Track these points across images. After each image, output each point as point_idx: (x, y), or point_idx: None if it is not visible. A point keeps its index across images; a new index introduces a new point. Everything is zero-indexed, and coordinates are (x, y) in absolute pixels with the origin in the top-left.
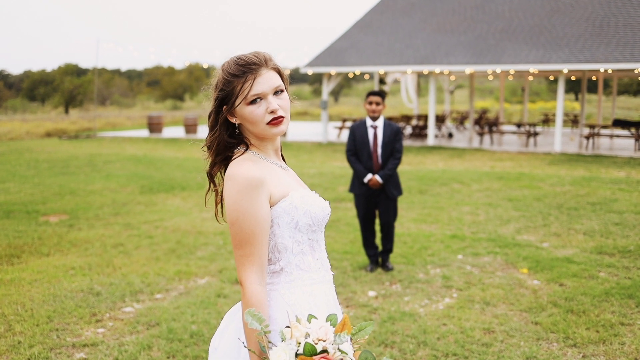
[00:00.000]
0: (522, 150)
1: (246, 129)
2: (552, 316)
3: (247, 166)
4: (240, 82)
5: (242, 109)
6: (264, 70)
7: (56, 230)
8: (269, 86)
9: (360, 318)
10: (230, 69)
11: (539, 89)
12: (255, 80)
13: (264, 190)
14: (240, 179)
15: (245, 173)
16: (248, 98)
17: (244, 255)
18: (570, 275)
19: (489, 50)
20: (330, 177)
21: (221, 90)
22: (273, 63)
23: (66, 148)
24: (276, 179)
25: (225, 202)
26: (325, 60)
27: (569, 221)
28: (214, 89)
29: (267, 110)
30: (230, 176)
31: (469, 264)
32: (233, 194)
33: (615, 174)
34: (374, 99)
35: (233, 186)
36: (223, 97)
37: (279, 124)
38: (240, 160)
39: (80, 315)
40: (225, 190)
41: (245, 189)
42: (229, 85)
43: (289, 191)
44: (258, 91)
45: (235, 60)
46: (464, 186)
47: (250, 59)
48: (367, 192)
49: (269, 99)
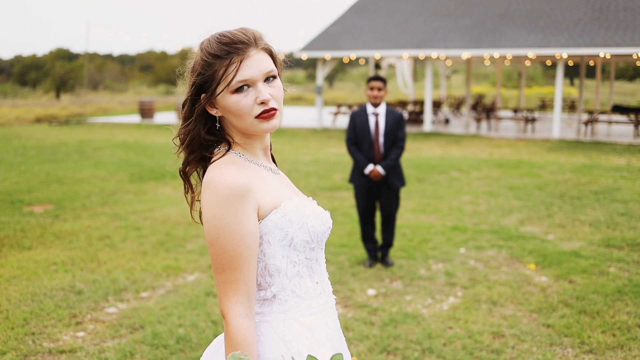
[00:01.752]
0: (519, 136)
1: (229, 124)
2: (564, 318)
3: (229, 171)
4: (223, 65)
5: (225, 98)
6: (252, 50)
7: (40, 221)
8: (259, 71)
9: (360, 321)
10: (211, 48)
11: (534, 73)
12: (242, 63)
13: (250, 200)
14: (221, 188)
15: (227, 180)
16: (233, 85)
17: (227, 281)
18: (580, 271)
19: (486, 35)
20: (326, 165)
21: (199, 75)
22: (264, 42)
23: (56, 134)
24: (266, 186)
25: (203, 215)
26: (320, 45)
27: (573, 211)
28: (190, 72)
29: (255, 100)
30: (209, 184)
31: (472, 259)
32: (212, 206)
33: (616, 161)
34: (376, 84)
35: (212, 196)
36: (201, 83)
37: (271, 117)
38: (221, 163)
39: (60, 317)
40: (203, 200)
41: (227, 199)
42: (209, 69)
43: (282, 200)
44: (245, 77)
45: (217, 38)
46: (463, 174)
47: (237, 37)
48: (368, 184)
49: (259, 87)
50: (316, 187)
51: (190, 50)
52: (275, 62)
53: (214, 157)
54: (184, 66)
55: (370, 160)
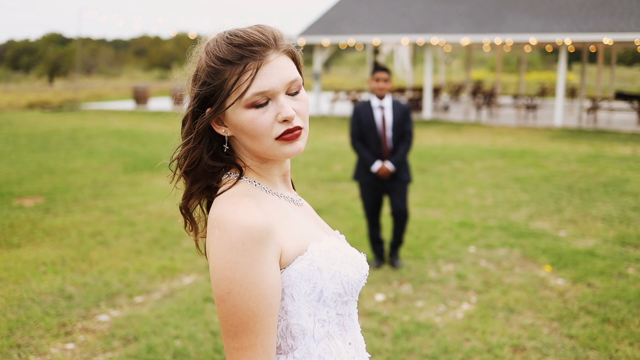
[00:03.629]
0: (521, 123)
1: (241, 145)
2: (587, 327)
3: (245, 206)
4: (234, 73)
5: (237, 114)
6: (272, 54)
7: (30, 216)
8: (281, 80)
9: (370, 331)
10: (220, 51)
11: (532, 59)
12: (258, 70)
13: (271, 245)
14: (234, 229)
15: (242, 219)
16: (247, 98)
17: (242, 348)
18: (597, 273)
19: (487, 20)
20: (325, 154)
21: (204, 84)
22: (286, 44)
23: (48, 121)
24: (289, 225)
25: (211, 263)
26: (318, 30)
27: (582, 205)
28: (192, 81)
29: (276, 117)
30: (219, 223)
31: (483, 258)
32: (224, 253)
33: (621, 151)
34: (381, 75)
35: (223, 240)
36: (207, 95)
37: (295, 139)
38: (233, 195)
39: (48, 326)
40: (210, 244)
41: (243, 245)
42: (217, 77)
43: (308, 243)
44: (263, 87)
45: (227, 39)
46: (466, 164)
47: (252, 37)
48: (375, 181)
49: (280, 101)
50: (316, 178)
51: (187, 35)
52: (298, 68)
53: (223, 187)
54: (182, 53)
55: (378, 157)
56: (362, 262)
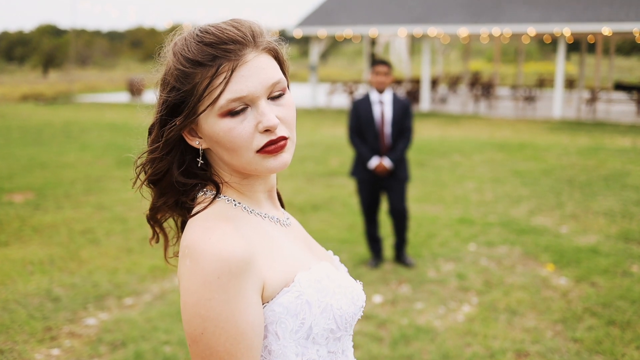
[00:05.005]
0: (519, 115)
1: (218, 158)
2: (591, 330)
3: (221, 233)
4: (206, 77)
5: (211, 124)
6: (250, 53)
7: (19, 212)
8: (261, 83)
9: (368, 336)
10: (189, 51)
11: (530, 49)
12: (234, 72)
13: (252, 277)
14: (209, 261)
15: (218, 248)
16: (221, 105)
17: None
18: (601, 272)
19: (485, 10)
20: (322, 148)
21: (173, 90)
22: (266, 40)
23: (42, 114)
24: (274, 252)
25: (182, 297)
26: (315, 21)
27: (583, 200)
28: (160, 85)
29: (256, 126)
30: (191, 252)
31: (483, 256)
32: (196, 288)
33: (621, 143)
34: (382, 69)
35: (196, 273)
36: (176, 102)
37: (279, 150)
38: (207, 218)
39: (32, 330)
40: (181, 275)
41: (218, 278)
42: (187, 81)
43: (296, 271)
44: (240, 92)
45: (197, 36)
46: (465, 157)
47: (226, 34)
48: (372, 178)
49: (261, 107)
50: (312, 173)
51: (181, 26)
52: (282, 68)
53: (197, 207)
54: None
55: (376, 152)
56: (357, 293)
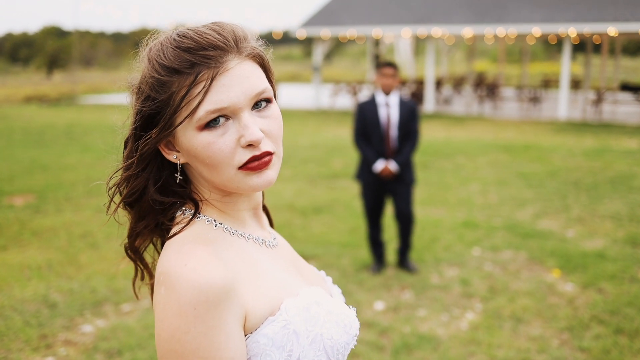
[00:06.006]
0: (524, 116)
1: (198, 173)
2: (599, 339)
3: (197, 258)
4: (184, 85)
5: (189, 137)
6: (233, 60)
7: (19, 215)
8: (243, 92)
9: (369, 345)
10: (165, 58)
11: (535, 49)
12: (214, 81)
13: (232, 307)
14: (183, 290)
15: (194, 276)
16: (200, 118)
17: None
18: (608, 277)
19: (489, 10)
20: (324, 150)
21: (148, 99)
22: (251, 46)
23: (45, 115)
24: (258, 278)
25: (156, 329)
26: (318, 21)
27: (590, 203)
28: (135, 94)
29: (239, 141)
30: (165, 279)
31: (488, 261)
32: (170, 319)
33: (627, 144)
34: (388, 71)
35: (170, 303)
36: (151, 113)
37: (264, 167)
38: (183, 241)
39: (28, 337)
40: (155, 304)
41: (194, 310)
42: (163, 91)
43: (282, 298)
44: (221, 103)
45: (174, 41)
46: (470, 159)
47: (206, 39)
48: (377, 181)
49: (244, 119)
50: (315, 175)
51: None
52: (268, 76)
53: (174, 228)
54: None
55: (381, 155)
56: (350, 320)
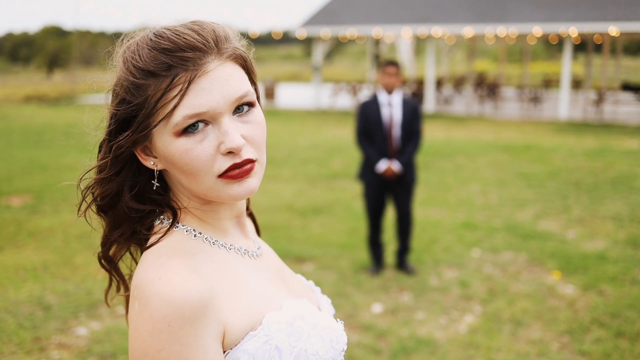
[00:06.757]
0: (525, 116)
1: (176, 181)
2: (599, 342)
3: (173, 271)
4: (159, 88)
5: (166, 143)
6: (212, 62)
7: (16, 216)
8: (224, 97)
9: (366, 348)
10: (141, 59)
11: (536, 49)
12: (192, 84)
13: (209, 323)
14: (157, 305)
15: (168, 291)
16: (177, 123)
17: None
18: (609, 279)
19: (490, 9)
20: (324, 150)
21: (123, 103)
22: (232, 47)
23: (44, 115)
24: (239, 291)
25: (130, 345)
26: (319, 21)
27: (590, 203)
28: (111, 96)
29: (218, 148)
30: (139, 293)
31: (488, 262)
32: (143, 336)
33: (628, 145)
34: (391, 69)
35: (143, 318)
36: (126, 117)
37: (245, 176)
38: (159, 253)
39: (21, 340)
40: (129, 319)
41: (168, 327)
42: (138, 94)
43: (264, 312)
44: (199, 108)
45: (150, 42)
46: (470, 160)
47: (184, 39)
48: (380, 182)
49: (224, 125)
50: (314, 175)
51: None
52: (251, 79)
53: (152, 238)
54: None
55: (384, 155)
56: (337, 334)
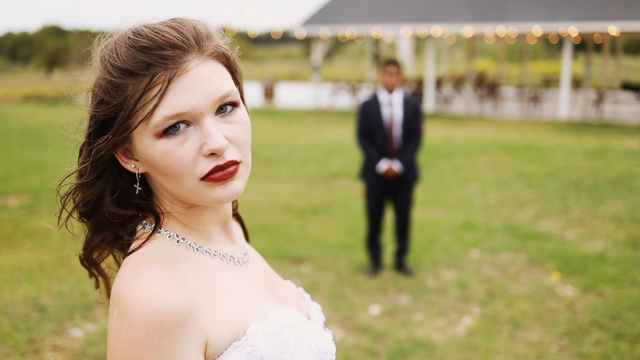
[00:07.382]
0: (524, 116)
1: (158, 184)
2: (599, 345)
3: (153, 280)
4: (138, 88)
5: (146, 145)
6: (193, 60)
7: (13, 216)
8: (205, 96)
9: (363, 350)
10: (119, 58)
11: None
12: (172, 83)
13: (191, 333)
14: (136, 315)
15: (148, 300)
16: (157, 124)
17: None
18: (609, 281)
19: (490, 9)
20: (323, 150)
21: (102, 104)
22: (214, 44)
23: (43, 115)
24: (223, 299)
25: (109, 353)
26: (318, 20)
27: (590, 204)
28: (90, 97)
29: (200, 149)
30: (118, 301)
31: (486, 263)
32: (121, 346)
33: (628, 145)
34: (392, 69)
35: (122, 328)
36: (106, 119)
37: (229, 178)
38: (140, 260)
39: (15, 342)
40: (109, 327)
41: (147, 337)
42: (117, 94)
43: (249, 322)
44: (180, 108)
45: (128, 40)
46: (469, 160)
47: (164, 37)
48: (382, 182)
49: (206, 126)
50: (313, 175)
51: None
52: (235, 77)
53: (134, 244)
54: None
55: (385, 155)
56: (325, 344)
